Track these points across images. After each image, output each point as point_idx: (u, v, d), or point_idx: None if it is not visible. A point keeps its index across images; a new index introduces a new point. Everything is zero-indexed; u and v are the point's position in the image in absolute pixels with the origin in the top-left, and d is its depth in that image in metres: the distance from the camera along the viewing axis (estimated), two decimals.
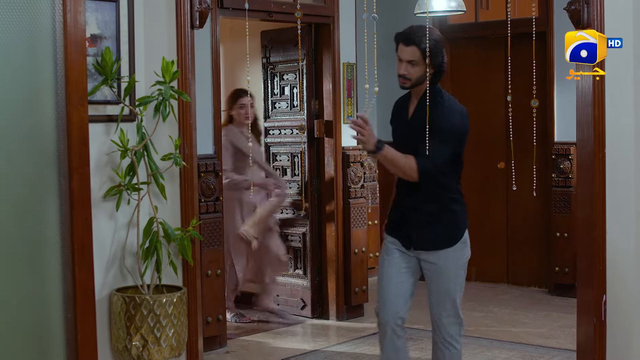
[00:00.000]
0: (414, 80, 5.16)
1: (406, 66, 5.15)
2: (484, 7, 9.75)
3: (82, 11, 4.85)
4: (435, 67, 5.16)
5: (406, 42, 5.17)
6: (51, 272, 4.92)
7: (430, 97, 5.08)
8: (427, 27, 5.12)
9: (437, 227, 5.19)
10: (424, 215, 5.19)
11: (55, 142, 4.90)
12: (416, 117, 5.17)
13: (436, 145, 5.02)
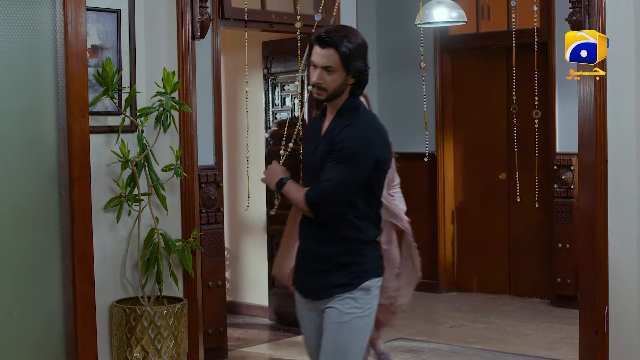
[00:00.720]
0: (331, 91, 4.22)
1: (321, 73, 4.21)
2: (485, 17, 9.74)
3: (83, 22, 4.86)
4: (356, 76, 4.26)
5: (322, 44, 4.23)
6: (52, 283, 4.91)
7: (343, 112, 4.25)
8: (349, 27, 4.35)
9: (334, 274, 4.24)
10: (320, 259, 4.26)
11: (56, 153, 4.89)
12: (326, 137, 4.25)
13: (330, 168, 4.15)
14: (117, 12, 5.49)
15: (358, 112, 4.27)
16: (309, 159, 4.35)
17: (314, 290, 4.30)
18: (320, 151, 4.21)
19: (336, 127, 4.19)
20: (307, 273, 4.32)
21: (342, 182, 4.14)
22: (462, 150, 9.60)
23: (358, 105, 4.29)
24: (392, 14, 9.68)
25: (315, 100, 4.32)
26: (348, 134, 4.16)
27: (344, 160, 4.13)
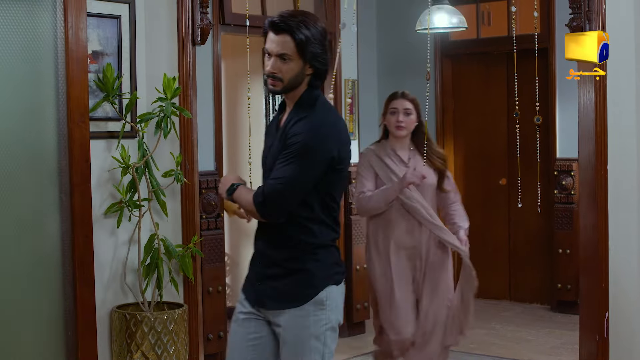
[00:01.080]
0: (287, 82, 3.89)
1: (276, 62, 3.87)
2: (486, 23, 9.74)
3: (84, 28, 4.86)
4: (314, 66, 3.94)
5: (276, 30, 3.89)
6: (52, 288, 4.91)
7: (300, 105, 3.94)
8: (306, 12, 4.06)
9: (284, 280, 3.92)
10: (271, 263, 3.94)
11: (57, 159, 4.90)
12: (280, 133, 3.94)
13: (280, 166, 3.82)
14: (118, 17, 5.49)
15: (315, 105, 3.97)
16: (263, 156, 4.06)
17: (265, 299, 3.94)
18: (274, 148, 3.92)
19: (290, 122, 3.90)
20: (258, 279, 3.97)
21: (292, 181, 3.81)
22: (462, 156, 9.60)
23: (316, 98, 3.99)
24: (393, 20, 9.69)
25: (270, 92, 4.02)
26: (300, 128, 3.84)
27: (295, 157, 3.80)
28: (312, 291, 3.90)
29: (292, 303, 3.89)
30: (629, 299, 5.68)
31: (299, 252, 3.91)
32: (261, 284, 3.95)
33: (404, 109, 5.75)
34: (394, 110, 5.76)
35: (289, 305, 3.89)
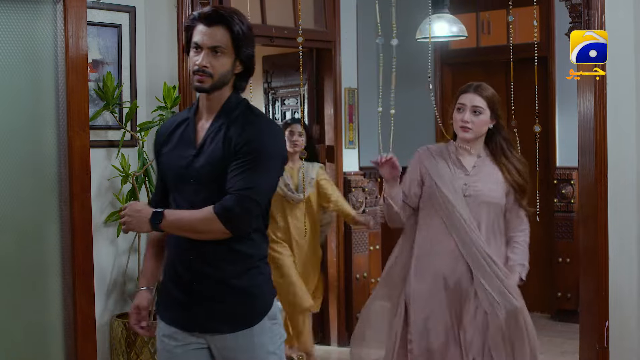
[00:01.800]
0: (216, 79, 3.62)
1: (207, 55, 3.61)
2: (486, 32, 9.75)
3: (84, 36, 4.86)
4: (245, 63, 3.71)
5: (209, 22, 3.63)
6: (52, 297, 4.91)
7: (231, 110, 3.68)
8: (235, 8, 3.77)
9: (232, 298, 3.64)
10: (211, 283, 3.63)
11: (57, 168, 4.90)
12: (216, 142, 3.62)
13: (241, 174, 3.55)
14: (118, 26, 5.50)
15: (251, 109, 3.72)
16: (180, 168, 3.68)
17: (210, 324, 3.65)
18: (208, 158, 3.62)
19: (230, 128, 3.61)
20: (195, 302, 3.65)
21: (262, 188, 3.60)
22: None
23: (244, 101, 3.75)
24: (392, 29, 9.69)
25: (196, 89, 3.68)
26: (254, 134, 3.61)
27: (258, 164, 3.58)
28: (265, 307, 3.71)
29: (247, 322, 3.65)
30: (629, 308, 5.67)
31: (246, 267, 3.66)
32: (200, 307, 3.63)
33: (473, 107, 4.83)
34: (461, 107, 4.86)
35: (244, 326, 3.64)
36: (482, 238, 4.76)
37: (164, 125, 3.83)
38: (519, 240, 5.04)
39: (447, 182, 4.82)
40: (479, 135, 4.84)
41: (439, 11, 7.63)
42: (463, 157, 4.88)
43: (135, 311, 3.78)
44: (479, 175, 4.83)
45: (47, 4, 4.80)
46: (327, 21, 8.14)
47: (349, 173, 8.25)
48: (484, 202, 4.79)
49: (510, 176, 4.84)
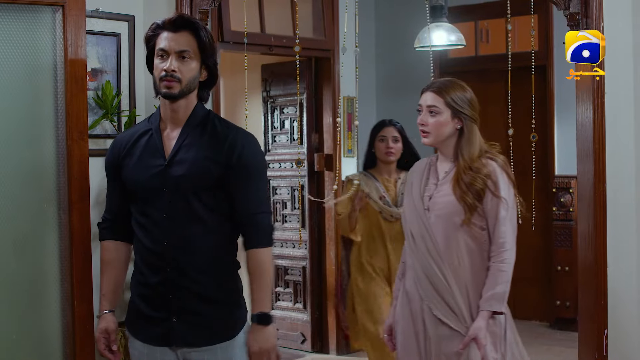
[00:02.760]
0: (184, 84, 3.61)
1: (175, 60, 3.60)
2: (484, 40, 9.76)
3: (83, 45, 4.86)
4: (209, 70, 3.72)
5: (175, 27, 3.65)
6: (51, 306, 4.90)
7: (200, 120, 3.68)
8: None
9: (209, 310, 3.63)
10: (190, 295, 3.60)
11: (56, 177, 4.89)
12: (194, 153, 3.61)
13: (260, 190, 3.69)
14: (117, 35, 5.50)
15: (225, 120, 3.78)
16: (150, 179, 3.64)
17: (180, 335, 3.62)
18: (189, 169, 3.60)
19: (213, 141, 3.63)
20: (165, 315, 3.62)
21: (267, 199, 3.79)
22: None
23: (212, 111, 3.78)
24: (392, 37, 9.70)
25: (165, 96, 3.65)
26: (251, 150, 3.69)
27: (260, 179, 3.72)
28: (243, 320, 3.72)
29: (226, 335, 3.66)
30: (628, 316, 5.67)
31: (225, 278, 3.69)
32: (178, 321, 3.62)
33: (428, 107, 4.27)
34: (420, 107, 4.36)
35: (222, 339, 3.65)
36: (443, 261, 4.16)
37: (121, 138, 3.82)
38: (488, 269, 4.17)
39: (409, 194, 4.39)
40: (441, 138, 4.27)
41: (438, 20, 7.64)
42: (441, 163, 4.38)
43: (103, 335, 3.77)
44: (446, 184, 4.26)
45: (46, 12, 4.80)
46: (325, 30, 8.15)
47: None
48: (439, 216, 4.22)
49: (458, 188, 4.18)
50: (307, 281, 8.34)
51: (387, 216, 5.85)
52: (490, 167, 4.19)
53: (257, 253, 3.66)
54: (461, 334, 4.09)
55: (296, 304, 8.46)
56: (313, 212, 8.32)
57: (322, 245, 8.30)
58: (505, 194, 4.14)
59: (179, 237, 3.61)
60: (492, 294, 4.07)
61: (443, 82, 4.34)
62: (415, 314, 4.22)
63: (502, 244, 4.11)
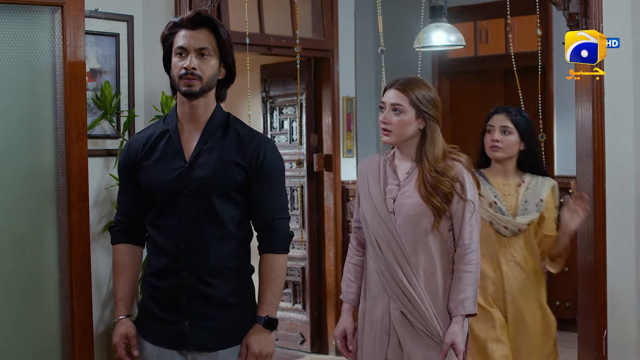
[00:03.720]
0: (205, 82, 3.61)
1: (195, 57, 3.58)
2: (484, 41, 9.77)
3: (82, 46, 4.86)
4: (229, 68, 3.71)
5: (194, 25, 3.60)
6: (49, 306, 4.89)
7: (221, 121, 3.71)
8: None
9: (222, 315, 3.62)
10: (205, 298, 3.60)
11: (55, 177, 4.89)
12: (217, 156, 3.60)
13: (281, 196, 3.71)
14: (116, 36, 5.50)
15: (245, 124, 3.79)
16: (171, 181, 3.60)
17: (191, 339, 3.61)
18: (211, 172, 3.58)
19: (237, 145, 3.62)
20: (178, 318, 3.62)
21: (287, 208, 3.79)
22: None
23: (231, 115, 3.80)
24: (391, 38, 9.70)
25: (185, 94, 3.63)
26: (270, 152, 3.67)
27: (280, 184, 3.73)
28: (252, 320, 3.70)
29: (239, 338, 3.66)
30: (627, 317, 5.67)
31: (238, 284, 3.67)
32: (191, 324, 3.61)
33: (391, 105, 4.16)
34: (383, 105, 4.23)
35: (233, 343, 3.65)
36: (411, 267, 4.06)
37: (138, 140, 3.76)
38: (456, 273, 4.10)
39: (366, 196, 4.19)
40: (403, 138, 4.13)
41: (437, 20, 7.63)
42: (400, 162, 4.21)
43: (123, 341, 3.74)
44: (410, 185, 4.12)
45: (45, 12, 4.80)
46: (325, 30, 8.15)
47: (347, 182, 8.26)
48: (406, 218, 4.08)
49: (424, 189, 4.06)
50: (307, 282, 8.34)
51: (501, 228, 4.80)
52: (457, 168, 4.11)
53: (272, 258, 3.69)
54: (434, 340, 4.03)
55: (295, 304, 8.46)
56: (312, 212, 8.31)
57: (321, 245, 8.30)
58: (471, 195, 4.08)
59: (196, 240, 3.60)
60: (464, 297, 4.02)
61: (408, 80, 4.21)
62: (381, 320, 4.12)
63: (467, 246, 4.05)
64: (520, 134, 4.87)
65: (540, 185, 4.91)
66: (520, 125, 4.87)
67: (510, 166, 4.93)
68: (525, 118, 4.93)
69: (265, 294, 3.67)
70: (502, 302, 4.82)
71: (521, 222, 4.79)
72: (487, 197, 4.79)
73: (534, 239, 4.87)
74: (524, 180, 4.92)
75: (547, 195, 4.91)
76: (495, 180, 4.91)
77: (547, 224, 4.90)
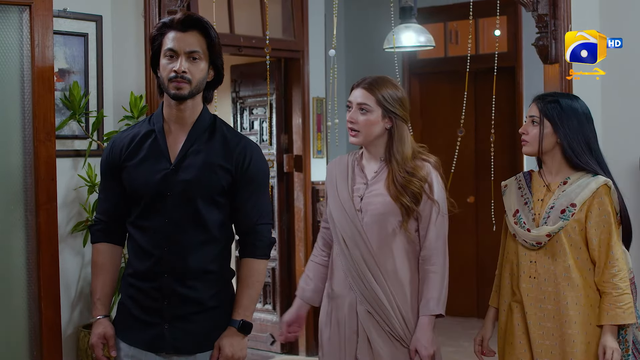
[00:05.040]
0: (194, 85, 3.57)
1: (185, 60, 3.54)
2: (453, 42, 9.79)
3: (50, 46, 4.83)
4: (218, 70, 3.69)
5: (184, 27, 3.56)
6: (17, 308, 4.86)
7: (207, 124, 3.67)
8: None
9: (202, 318, 3.63)
10: (186, 301, 3.60)
11: (23, 178, 4.86)
12: (203, 159, 3.60)
13: (265, 200, 3.72)
14: (85, 35, 5.47)
15: (231, 127, 3.76)
16: (156, 183, 3.58)
17: (171, 342, 3.60)
18: (197, 174, 3.57)
19: (223, 148, 3.62)
20: (158, 320, 3.61)
21: (270, 213, 3.81)
22: None
23: (218, 117, 3.76)
24: (361, 38, 9.72)
25: (174, 97, 3.59)
26: (258, 159, 3.68)
27: (265, 189, 3.73)
28: (227, 322, 3.70)
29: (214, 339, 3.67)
30: None
31: (218, 287, 3.67)
32: (170, 327, 3.60)
33: (358, 104, 4.12)
34: (349, 104, 4.18)
35: (211, 344, 3.65)
36: (379, 267, 4.06)
37: (121, 138, 3.73)
38: (423, 274, 4.10)
39: (334, 195, 4.19)
40: (370, 138, 4.10)
41: (407, 21, 7.65)
42: (368, 162, 4.19)
43: (101, 341, 3.72)
44: (378, 184, 4.11)
45: (12, 12, 4.77)
46: (295, 31, 8.15)
47: (317, 182, 8.26)
48: (373, 216, 4.07)
49: (393, 187, 4.05)
50: (277, 282, 8.34)
51: (521, 240, 4.16)
52: (426, 169, 4.10)
53: (253, 263, 3.68)
54: (400, 342, 4.08)
55: (265, 305, 8.45)
56: (283, 213, 8.31)
57: (291, 246, 8.29)
58: (438, 196, 4.07)
59: (179, 243, 3.58)
60: (430, 297, 4.04)
61: (375, 79, 4.14)
62: (349, 320, 4.12)
63: (434, 247, 4.05)
64: (555, 127, 4.15)
65: (583, 186, 4.07)
66: (552, 115, 4.17)
67: (554, 162, 4.24)
68: (559, 106, 4.19)
69: (242, 297, 3.66)
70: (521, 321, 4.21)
71: (539, 236, 4.08)
72: (508, 206, 4.29)
73: (571, 253, 4.05)
74: (567, 180, 4.16)
75: (586, 198, 4.04)
76: (539, 181, 4.33)
77: (591, 243, 4.02)
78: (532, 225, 4.11)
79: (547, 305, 4.05)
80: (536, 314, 4.08)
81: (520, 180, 4.39)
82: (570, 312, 3.99)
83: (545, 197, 4.16)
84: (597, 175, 4.06)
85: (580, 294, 4.00)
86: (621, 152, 5.74)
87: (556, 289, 4.02)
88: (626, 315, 3.94)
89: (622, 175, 5.59)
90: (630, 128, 5.80)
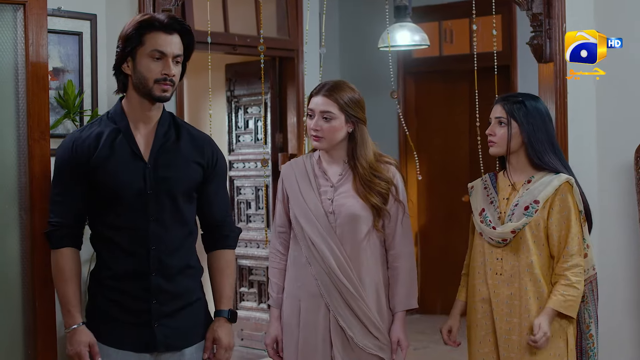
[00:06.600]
0: (175, 87, 3.73)
1: (172, 63, 3.65)
2: (448, 41, 9.80)
3: (45, 44, 4.82)
4: (184, 69, 3.83)
5: (169, 29, 3.64)
6: (12, 308, 4.85)
7: (170, 119, 3.75)
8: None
9: (188, 313, 3.70)
10: (173, 298, 3.65)
11: (17, 177, 4.84)
12: (174, 154, 3.67)
13: (220, 195, 3.80)
14: (79, 34, 5.46)
15: (187, 123, 3.89)
16: (135, 181, 3.62)
17: (162, 340, 3.63)
18: (178, 172, 3.64)
19: (191, 143, 3.70)
20: (146, 320, 3.62)
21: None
22: (425, 173, 9.63)
23: (172, 113, 3.85)
24: (355, 37, 9.71)
25: (159, 99, 3.68)
26: (218, 149, 3.81)
27: (225, 182, 3.84)
28: (210, 320, 3.81)
29: (201, 335, 3.75)
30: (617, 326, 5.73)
31: (196, 281, 3.76)
32: (160, 325, 3.63)
33: (321, 112, 4.20)
34: (311, 112, 4.26)
35: (198, 339, 3.73)
36: (351, 269, 4.14)
37: (84, 138, 3.78)
38: (395, 271, 4.29)
39: (297, 199, 4.23)
40: (333, 143, 4.21)
41: (401, 20, 7.65)
42: (329, 165, 4.30)
43: (85, 350, 3.70)
44: (346, 186, 4.24)
45: (7, 11, 4.76)
46: (290, 30, 8.14)
47: None
48: (346, 217, 4.17)
49: (362, 188, 4.19)
50: None
51: (487, 238, 4.46)
52: (391, 171, 4.29)
53: (228, 253, 3.80)
54: (378, 339, 4.16)
55: (260, 304, 8.45)
56: None
57: None
58: (403, 197, 4.32)
59: (164, 240, 3.61)
60: (403, 293, 4.25)
61: (334, 85, 4.23)
62: (323, 320, 4.17)
63: (403, 245, 4.28)
64: (522, 128, 4.32)
65: (546, 183, 4.29)
66: (516, 116, 4.33)
67: (519, 162, 4.40)
68: (526, 107, 4.34)
69: (224, 288, 3.74)
70: (489, 327, 4.40)
71: (503, 233, 4.31)
72: (475, 206, 4.71)
73: (534, 253, 4.25)
74: (530, 179, 4.37)
75: (548, 195, 4.25)
76: (503, 181, 4.53)
77: (552, 239, 4.25)
78: (498, 223, 4.39)
79: (513, 301, 4.25)
80: (503, 309, 4.29)
81: (486, 180, 4.68)
82: (532, 306, 4.20)
83: (511, 195, 4.41)
84: (559, 173, 4.32)
85: (543, 289, 4.21)
86: (616, 150, 5.75)
87: (520, 285, 4.24)
88: (567, 305, 4.09)
89: (617, 173, 5.60)
90: (624, 126, 5.80)
